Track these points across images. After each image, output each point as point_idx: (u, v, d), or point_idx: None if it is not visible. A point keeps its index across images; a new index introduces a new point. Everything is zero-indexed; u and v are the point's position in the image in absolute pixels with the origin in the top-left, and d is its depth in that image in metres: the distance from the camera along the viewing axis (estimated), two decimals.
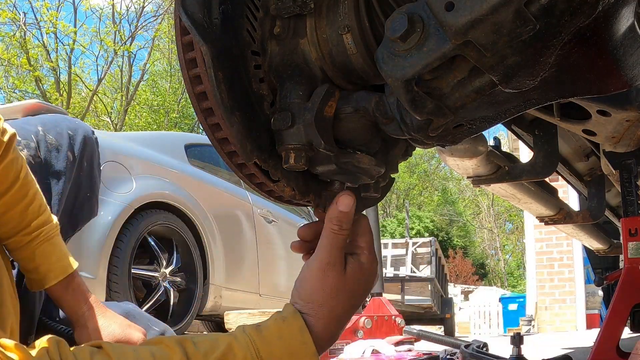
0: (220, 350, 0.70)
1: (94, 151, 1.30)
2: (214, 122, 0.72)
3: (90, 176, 1.30)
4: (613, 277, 2.46)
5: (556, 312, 7.73)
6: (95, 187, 1.33)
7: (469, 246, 34.92)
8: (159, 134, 6.02)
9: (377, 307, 3.53)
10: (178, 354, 0.68)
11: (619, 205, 2.57)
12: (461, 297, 17.60)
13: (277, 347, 0.71)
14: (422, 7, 0.59)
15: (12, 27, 18.90)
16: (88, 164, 1.28)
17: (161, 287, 3.52)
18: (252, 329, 0.73)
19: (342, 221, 0.74)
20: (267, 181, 0.78)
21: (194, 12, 0.68)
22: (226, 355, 0.69)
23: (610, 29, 0.64)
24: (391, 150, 0.86)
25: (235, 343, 0.70)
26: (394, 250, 11.51)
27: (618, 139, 1.44)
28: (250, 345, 0.70)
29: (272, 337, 0.72)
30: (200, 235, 3.90)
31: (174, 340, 0.70)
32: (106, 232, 3.17)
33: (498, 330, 13.36)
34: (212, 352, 0.69)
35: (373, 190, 0.88)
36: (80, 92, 23.20)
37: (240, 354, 0.70)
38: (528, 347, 3.20)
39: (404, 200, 31.18)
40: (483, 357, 2.09)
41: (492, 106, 0.70)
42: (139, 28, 21.44)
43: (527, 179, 1.91)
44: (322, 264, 0.74)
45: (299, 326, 0.72)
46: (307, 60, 0.78)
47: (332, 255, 0.74)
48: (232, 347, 0.70)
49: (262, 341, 0.71)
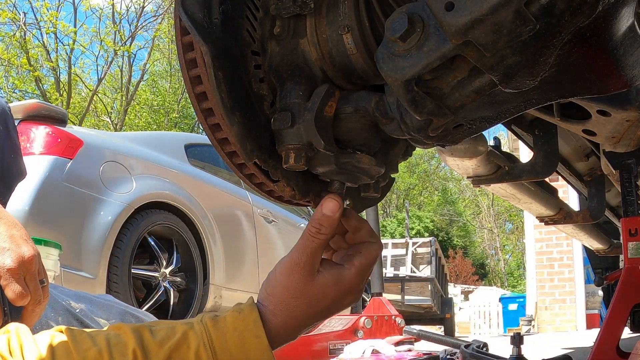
0: (175, 339, 0.70)
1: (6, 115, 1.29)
2: (214, 122, 0.72)
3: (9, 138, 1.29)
4: (613, 277, 2.46)
5: (556, 312, 7.73)
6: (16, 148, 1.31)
7: (469, 246, 34.92)
8: (159, 134, 6.02)
9: (377, 307, 3.53)
10: (133, 341, 0.69)
11: (619, 205, 2.57)
12: (461, 297, 17.60)
13: (231, 338, 0.71)
14: (422, 7, 0.59)
15: (12, 27, 18.92)
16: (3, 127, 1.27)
17: (161, 287, 3.52)
18: (209, 319, 0.73)
19: (322, 225, 0.72)
20: (267, 181, 0.78)
21: (194, 12, 0.68)
22: (180, 344, 0.70)
23: (610, 29, 0.64)
24: (391, 150, 0.86)
25: (191, 332, 0.71)
26: (394, 250, 11.51)
27: (618, 139, 1.44)
28: (205, 335, 0.71)
29: (227, 328, 0.72)
30: (200, 235, 3.90)
31: (131, 328, 0.71)
32: (106, 232, 3.18)
33: (498, 330, 13.35)
34: (168, 341, 0.70)
35: (373, 190, 0.88)
36: (80, 92, 23.21)
37: (193, 344, 0.70)
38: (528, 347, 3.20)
39: (404, 200, 31.19)
40: (483, 357, 2.09)
41: (492, 106, 0.70)
42: (139, 28, 21.45)
43: (527, 179, 1.91)
44: (291, 262, 0.73)
45: (253, 318, 0.72)
46: (307, 60, 0.78)
47: (302, 256, 0.73)
48: (187, 336, 0.71)
49: (217, 331, 0.71)
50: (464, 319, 14.69)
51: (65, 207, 3.09)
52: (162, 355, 0.69)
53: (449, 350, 2.57)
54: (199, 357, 0.70)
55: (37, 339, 0.69)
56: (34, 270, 0.95)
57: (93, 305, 1.24)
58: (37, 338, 0.69)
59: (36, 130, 3.12)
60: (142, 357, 0.68)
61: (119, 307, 1.30)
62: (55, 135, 3.14)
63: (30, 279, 0.94)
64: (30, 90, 20.33)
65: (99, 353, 0.67)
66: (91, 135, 3.59)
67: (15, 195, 1.32)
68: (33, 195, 2.88)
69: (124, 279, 3.24)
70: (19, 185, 1.33)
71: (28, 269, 0.93)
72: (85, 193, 3.16)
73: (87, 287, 2.97)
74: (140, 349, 0.69)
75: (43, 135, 3.11)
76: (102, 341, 0.69)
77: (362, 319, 3.06)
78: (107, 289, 3.15)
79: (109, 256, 3.18)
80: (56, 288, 1.25)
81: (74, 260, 3.02)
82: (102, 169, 3.31)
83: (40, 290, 0.95)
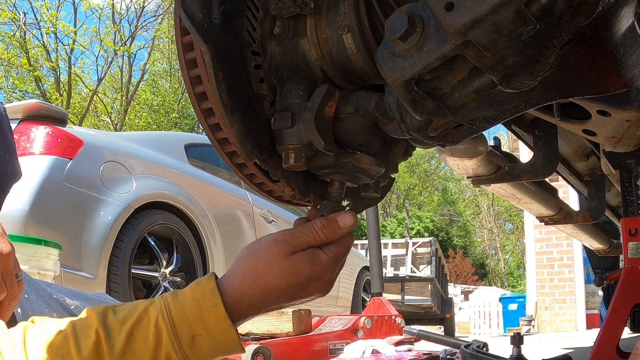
0: (136, 314, 0.73)
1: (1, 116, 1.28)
2: (214, 122, 0.72)
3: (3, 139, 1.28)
4: (613, 277, 2.46)
5: (556, 312, 7.73)
6: (11, 148, 1.30)
7: (469, 246, 34.91)
8: (159, 134, 6.02)
9: (377, 307, 3.53)
10: (96, 322, 0.72)
11: (619, 205, 2.57)
12: (461, 297, 17.59)
13: (189, 308, 0.73)
14: (422, 7, 0.59)
15: (12, 27, 18.91)
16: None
17: (161, 287, 3.52)
18: (169, 294, 0.76)
19: (330, 230, 0.75)
20: (267, 181, 0.78)
21: (194, 12, 0.68)
22: (141, 318, 0.73)
23: (610, 29, 0.64)
24: (391, 150, 0.86)
25: (151, 306, 0.74)
26: (394, 250, 11.50)
27: (618, 139, 1.44)
28: (164, 307, 0.73)
29: (185, 299, 0.74)
30: (200, 235, 3.90)
31: (96, 311, 0.74)
32: (106, 232, 3.17)
33: (498, 330, 13.35)
34: (129, 317, 0.73)
35: (373, 190, 0.88)
36: (80, 92, 23.20)
37: (153, 316, 0.73)
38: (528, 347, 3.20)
39: (404, 200, 31.17)
40: (483, 357, 2.09)
41: (492, 106, 0.70)
42: (139, 28, 21.44)
43: (527, 179, 1.91)
44: (277, 240, 0.75)
45: (210, 288, 0.74)
46: (307, 60, 0.78)
47: (291, 240, 0.75)
48: (147, 311, 0.73)
49: (176, 303, 0.74)
50: (464, 319, 14.69)
51: (65, 207, 3.08)
52: (124, 332, 0.71)
53: (449, 350, 2.56)
54: (158, 329, 0.72)
55: (11, 332, 0.72)
56: (11, 266, 0.95)
57: (88, 302, 1.24)
58: (11, 331, 0.72)
59: (36, 130, 3.12)
60: (104, 336, 0.71)
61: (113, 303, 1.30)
62: (55, 135, 3.14)
63: (7, 274, 0.94)
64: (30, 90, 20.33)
65: (64, 338, 0.70)
66: (91, 135, 3.59)
67: (15, 196, 1.32)
68: (33, 195, 2.88)
69: (124, 279, 3.24)
70: (19, 186, 1.32)
71: (5, 265, 0.93)
72: (85, 193, 3.16)
73: (87, 287, 2.97)
74: (103, 329, 0.71)
75: (43, 135, 3.11)
76: (68, 327, 0.72)
77: (362, 319, 3.06)
78: (107, 289, 3.15)
79: (109, 256, 3.18)
80: (50, 286, 1.24)
81: (74, 260, 3.02)
82: (102, 169, 3.31)
83: (16, 285, 0.96)
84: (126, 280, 3.25)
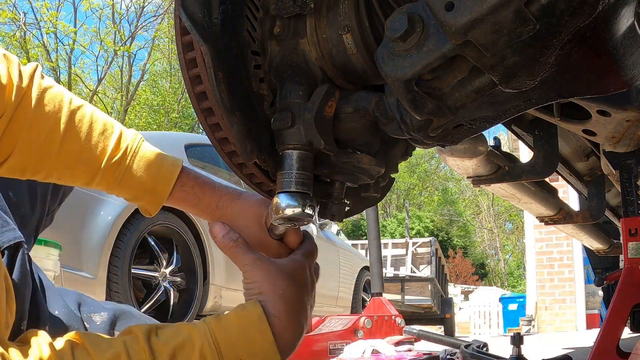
0: (180, 338, 0.70)
1: None
2: (214, 122, 0.72)
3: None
4: (613, 277, 2.47)
5: (556, 312, 7.73)
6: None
7: (469, 246, 34.91)
8: (159, 134, 6.02)
9: (377, 307, 3.53)
10: (142, 342, 0.70)
11: (619, 205, 2.57)
12: (461, 297, 17.59)
13: (235, 335, 0.72)
14: (422, 7, 0.59)
15: (12, 27, 18.92)
16: None
17: (161, 287, 3.52)
18: (212, 319, 0.74)
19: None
20: (267, 181, 0.78)
21: (194, 12, 0.68)
22: (185, 343, 0.70)
23: (610, 29, 0.64)
24: (391, 150, 0.86)
25: (195, 331, 0.71)
26: (394, 250, 11.51)
27: (618, 139, 1.44)
28: (208, 333, 0.71)
29: (230, 325, 0.72)
30: (200, 235, 3.90)
31: (141, 330, 0.71)
32: (106, 232, 3.17)
33: (498, 330, 13.35)
34: (173, 340, 0.70)
35: (373, 190, 0.88)
36: (81, 92, 23.19)
37: (198, 342, 0.70)
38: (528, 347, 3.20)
39: (404, 200, 31.18)
40: (483, 357, 2.09)
41: (492, 106, 0.70)
42: (139, 28, 21.45)
43: (527, 179, 1.91)
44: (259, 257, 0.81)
45: (257, 314, 0.73)
46: (307, 60, 0.78)
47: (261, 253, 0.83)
48: (192, 336, 0.71)
49: (220, 329, 0.72)
50: (464, 319, 14.68)
51: (65, 207, 3.07)
52: (166, 355, 0.69)
53: (449, 350, 2.56)
54: (203, 356, 0.70)
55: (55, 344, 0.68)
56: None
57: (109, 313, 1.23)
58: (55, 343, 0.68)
59: None
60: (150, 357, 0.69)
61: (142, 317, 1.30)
62: None
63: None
64: None
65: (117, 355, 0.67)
66: None
67: None
68: None
69: (124, 279, 3.24)
70: None
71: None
72: (85, 193, 3.15)
73: (87, 287, 2.97)
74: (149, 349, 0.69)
75: None
76: (119, 344, 0.69)
77: (362, 319, 3.06)
78: (107, 289, 3.15)
79: (109, 256, 3.18)
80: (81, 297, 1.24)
81: (74, 260, 3.01)
82: None
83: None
84: (126, 280, 3.25)
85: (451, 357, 2.40)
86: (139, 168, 0.92)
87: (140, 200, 0.95)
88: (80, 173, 0.90)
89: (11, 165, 0.84)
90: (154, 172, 0.92)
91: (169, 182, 0.92)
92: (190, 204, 0.96)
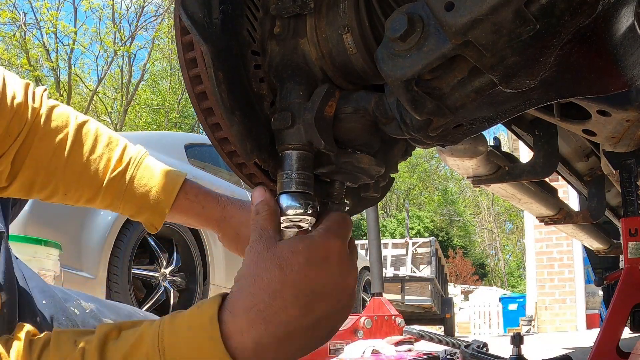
0: (130, 343, 0.59)
1: None
2: (214, 122, 0.72)
3: None
4: (613, 277, 2.47)
5: (556, 312, 7.73)
6: None
7: (469, 246, 34.93)
8: (159, 133, 6.03)
9: (377, 307, 3.53)
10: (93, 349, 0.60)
11: (619, 205, 2.57)
12: (461, 297, 17.60)
13: (183, 339, 0.58)
14: (422, 7, 0.59)
15: (12, 27, 18.93)
16: None
17: (161, 287, 3.52)
18: (168, 317, 0.61)
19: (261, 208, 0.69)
20: (268, 181, 0.78)
21: (194, 12, 0.68)
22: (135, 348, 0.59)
23: (610, 29, 0.64)
24: (391, 150, 0.86)
25: (146, 334, 0.59)
26: (394, 250, 11.52)
27: (618, 139, 1.44)
28: (156, 337, 0.59)
29: (181, 326, 0.59)
30: (200, 235, 3.90)
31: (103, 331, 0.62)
32: (106, 232, 3.18)
33: (498, 330, 13.36)
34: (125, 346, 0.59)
35: (373, 190, 0.88)
36: (81, 92, 23.22)
37: (144, 348, 0.58)
38: (528, 347, 3.20)
39: (404, 200, 31.20)
40: (483, 357, 2.09)
41: (492, 106, 0.70)
42: (139, 28, 21.46)
43: (527, 179, 1.91)
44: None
45: (209, 315, 0.58)
46: (307, 60, 0.78)
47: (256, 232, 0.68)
48: (143, 338, 0.59)
49: (171, 331, 0.59)
50: (464, 319, 14.69)
51: (65, 207, 3.08)
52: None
53: (449, 350, 2.57)
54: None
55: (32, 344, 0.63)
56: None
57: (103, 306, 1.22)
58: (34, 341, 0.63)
59: None
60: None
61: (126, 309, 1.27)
62: None
63: None
64: None
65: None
66: None
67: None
68: None
69: (124, 279, 3.24)
70: None
71: None
72: None
73: (87, 287, 2.97)
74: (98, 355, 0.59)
75: None
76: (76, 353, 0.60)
77: (362, 319, 3.06)
78: (107, 289, 3.16)
79: (109, 256, 3.18)
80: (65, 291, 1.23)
81: (74, 260, 3.02)
82: None
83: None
84: (126, 280, 3.25)
85: (451, 357, 2.40)
86: (143, 177, 0.93)
87: (145, 211, 0.95)
88: (86, 185, 0.92)
89: (21, 181, 0.87)
90: (158, 180, 0.93)
91: (173, 190, 0.93)
92: (195, 212, 0.95)
